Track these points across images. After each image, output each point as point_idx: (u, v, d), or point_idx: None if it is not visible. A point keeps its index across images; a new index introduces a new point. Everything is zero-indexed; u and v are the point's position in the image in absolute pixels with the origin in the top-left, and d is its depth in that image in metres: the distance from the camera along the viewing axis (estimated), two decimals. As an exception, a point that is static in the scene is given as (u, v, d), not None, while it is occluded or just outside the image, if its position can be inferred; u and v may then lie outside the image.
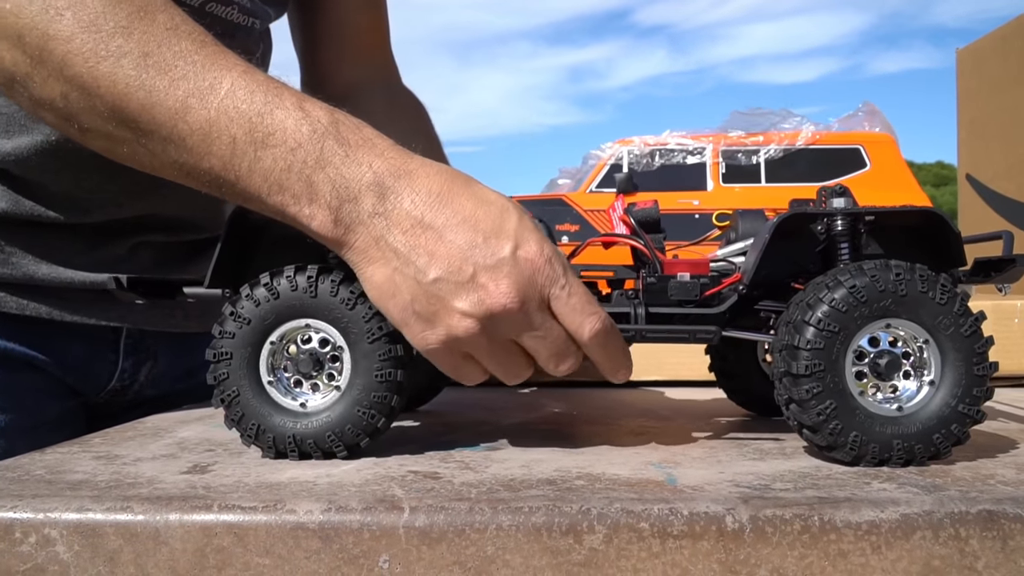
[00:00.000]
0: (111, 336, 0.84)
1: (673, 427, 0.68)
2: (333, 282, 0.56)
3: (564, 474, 0.52)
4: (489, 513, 0.45)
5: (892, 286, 0.52)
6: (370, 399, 0.55)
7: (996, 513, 0.44)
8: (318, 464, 0.55)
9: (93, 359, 0.83)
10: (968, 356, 0.53)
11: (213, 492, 0.48)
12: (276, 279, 0.56)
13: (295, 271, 0.56)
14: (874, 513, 0.44)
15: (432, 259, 0.52)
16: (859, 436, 0.52)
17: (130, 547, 0.45)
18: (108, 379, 0.85)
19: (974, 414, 0.53)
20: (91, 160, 0.65)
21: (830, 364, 0.52)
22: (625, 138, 1.23)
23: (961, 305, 0.53)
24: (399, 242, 0.53)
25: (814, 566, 0.44)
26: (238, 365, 0.55)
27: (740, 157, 1.29)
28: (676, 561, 0.44)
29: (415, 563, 0.44)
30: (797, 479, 0.50)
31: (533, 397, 0.87)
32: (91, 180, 0.78)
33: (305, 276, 0.56)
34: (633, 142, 1.23)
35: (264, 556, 0.45)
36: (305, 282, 0.55)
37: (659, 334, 0.57)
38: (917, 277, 0.52)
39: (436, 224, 0.53)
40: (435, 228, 0.53)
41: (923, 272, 0.53)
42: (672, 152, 1.24)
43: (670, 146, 1.24)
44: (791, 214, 0.57)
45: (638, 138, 1.23)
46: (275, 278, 0.56)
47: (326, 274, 0.56)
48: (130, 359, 0.85)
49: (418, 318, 0.53)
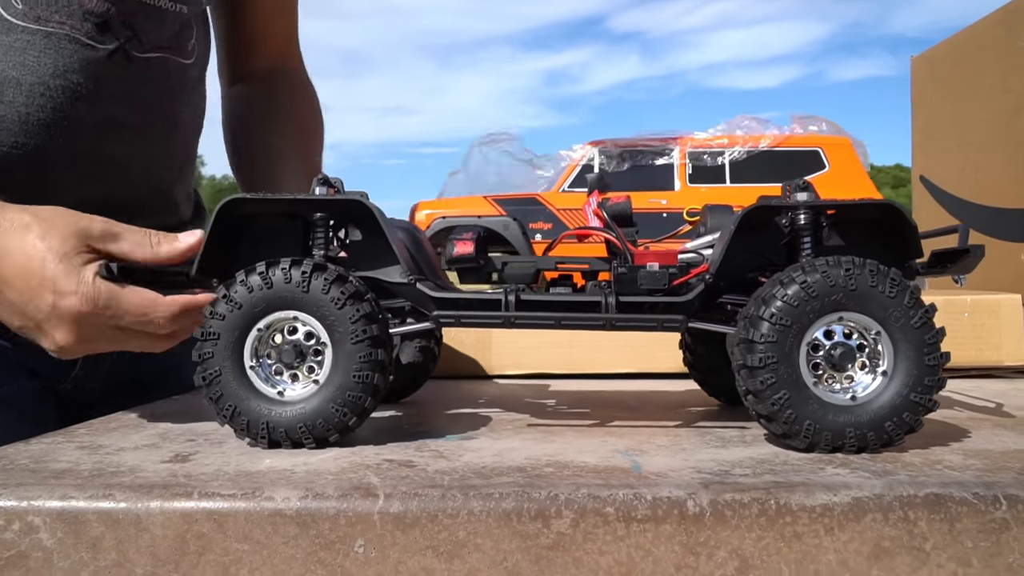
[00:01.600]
0: None
1: (642, 417, 0.70)
2: (326, 280, 0.57)
3: (534, 462, 0.54)
4: (461, 499, 0.47)
5: (842, 281, 0.54)
6: (345, 397, 0.57)
7: (943, 496, 0.47)
8: (296, 453, 0.57)
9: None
10: (919, 347, 0.55)
11: (193, 480, 0.49)
12: (272, 269, 0.57)
13: (291, 264, 0.57)
14: (827, 497, 0.47)
15: (6, 314, 0.68)
16: (813, 424, 0.55)
17: (112, 534, 0.46)
18: (71, 368, 0.86)
19: (926, 403, 0.55)
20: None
21: (784, 356, 0.55)
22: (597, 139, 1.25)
23: (911, 298, 0.55)
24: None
25: (771, 547, 0.46)
26: (224, 347, 0.57)
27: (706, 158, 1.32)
28: (640, 544, 0.46)
29: (389, 547, 0.46)
30: (756, 465, 0.52)
31: (510, 390, 0.89)
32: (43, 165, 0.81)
33: (300, 270, 0.57)
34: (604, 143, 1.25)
35: (243, 542, 0.46)
36: (299, 276, 0.57)
37: (628, 322, 0.59)
38: (867, 272, 0.55)
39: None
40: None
41: (873, 267, 0.55)
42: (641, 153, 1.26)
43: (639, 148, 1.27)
44: (755, 207, 0.59)
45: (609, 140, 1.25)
46: (271, 268, 0.57)
47: (320, 271, 0.57)
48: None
49: None
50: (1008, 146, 1.03)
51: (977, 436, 0.61)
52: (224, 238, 0.62)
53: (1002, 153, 1.04)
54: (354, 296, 0.57)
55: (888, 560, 0.46)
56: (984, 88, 1.06)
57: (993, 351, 0.94)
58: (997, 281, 1.04)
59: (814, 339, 0.56)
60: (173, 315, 0.66)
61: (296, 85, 1.17)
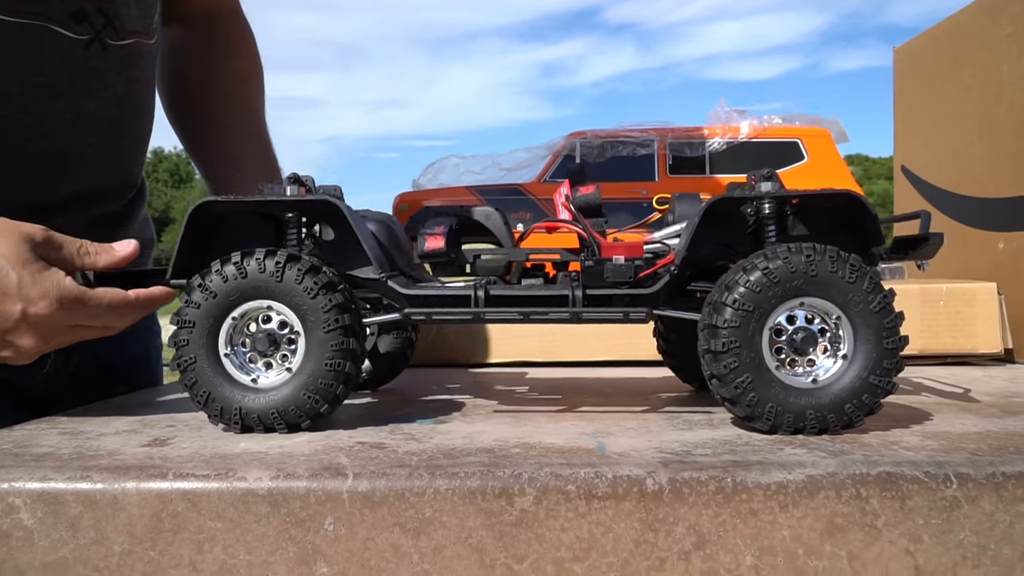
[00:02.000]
0: None
1: (615, 403, 0.71)
2: (299, 271, 0.58)
3: (502, 443, 0.55)
4: (427, 478, 0.48)
5: (803, 267, 0.56)
6: (317, 385, 0.58)
7: (895, 475, 0.48)
8: (271, 437, 0.58)
9: None
10: (878, 331, 0.56)
11: (169, 462, 0.51)
12: (247, 259, 0.59)
13: (265, 255, 0.59)
14: (782, 475, 0.48)
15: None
16: (775, 407, 0.56)
17: (90, 513, 0.48)
18: (41, 366, 0.87)
19: (885, 385, 0.57)
20: None
21: (746, 341, 0.56)
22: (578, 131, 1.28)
23: (870, 283, 0.56)
24: None
25: (727, 523, 0.48)
26: (199, 334, 0.58)
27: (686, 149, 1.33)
28: (600, 520, 0.48)
29: (358, 525, 0.48)
30: (717, 446, 0.54)
31: (489, 377, 0.90)
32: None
33: (274, 261, 0.58)
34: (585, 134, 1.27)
35: (216, 520, 0.48)
36: (273, 266, 0.58)
37: (595, 315, 0.60)
38: (827, 258, 0.56)
39: None
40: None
41: (833, 253, 0.56)
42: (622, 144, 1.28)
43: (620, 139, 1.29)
44: (719, 198, 0.60)
45: (590, 131, 1.27)
46: (245, 258, 0.59)
47: (294, 262, 0.59)
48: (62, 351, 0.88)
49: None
50: (987, 136, 1.04)
51: (939, 419, 0.62)
52: (198, 239, 0.63)
53: (981, 143, 1.05)
54: (327, 286, 0.58)
55: (841, 536, 0.47)
56: (964, 78, 1.07)
57: (968, 339, 0.95)
58: (976, 270, 1.05)
59: (776, 324, 0.57)
60: (134, 310, 0.67)
61: (233, 34, 1.12)
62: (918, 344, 0.95)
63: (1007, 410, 0.66)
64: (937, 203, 1.13)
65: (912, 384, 0.81)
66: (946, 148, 1.11)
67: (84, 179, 0.87)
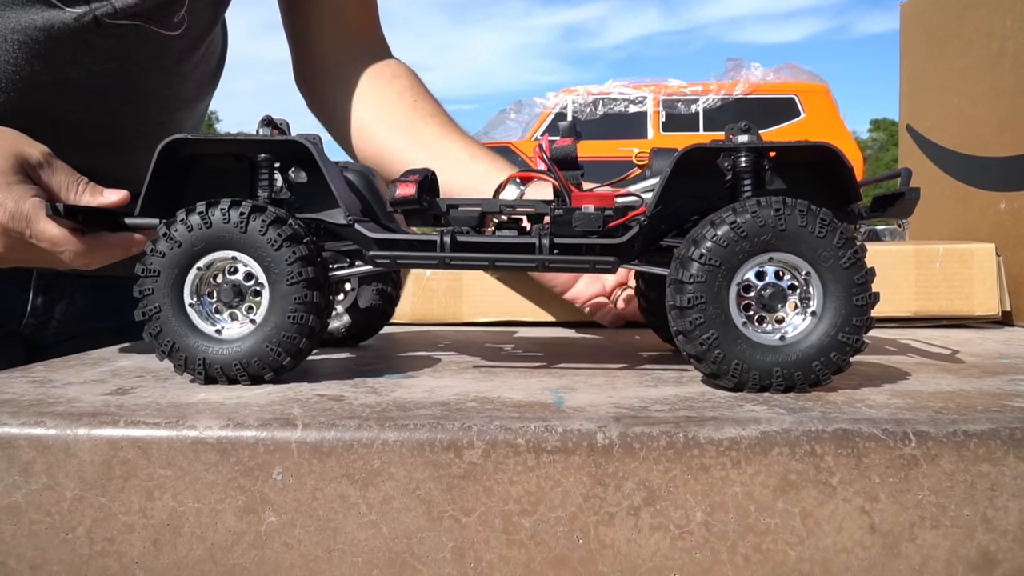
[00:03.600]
0: (23, 275, 0.88)
1: (590, 360, 0.71)
2: (263, 222, 0.58)
3: (461, 398, 0.55)
4: (376, 429, 0.48)
5: (772, 221, 0.55)
6: (279, 337, 0.58)
7: (851, 432, 0.47)
8: (232, 389, 0.58)
9: (3, 294, 0.87)
10: (848, 287, 0.55)
11: (123, 410, 0.51)
12: (211, 209, 0.58)
13: (230, 205, 0.58)
14: (735, 431, 0.47)
15: None
16: (740, 364, 0.55)
17: (43, 459, 0.48)
18: (21, 314, 0.89)
19: (854, 343, 0.55)
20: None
21: (712, 296, 0.55)
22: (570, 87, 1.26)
23: (841, 238, 0.55)
24: None
25: (677, 479, 0.47)
26: (164, 284, 0.58)
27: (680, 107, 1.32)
28: (549, 474, 0.47)
29: (306, 475, 0.48)
30: (677, 402, 0.53)
31: (474, 336, 0.90)
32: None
33: (238, 211, 0.58)
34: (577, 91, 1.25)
35: (166, 468, 0.48)
36: (237, 217, 0.58)
37: (560, 263, 0.59)
38: (796, 212, 0.55)
39: None
40: None
41: (803, 207, 0.55)
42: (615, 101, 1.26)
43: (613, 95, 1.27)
44: (690, 148, 0.59)
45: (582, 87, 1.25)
46: (210, 208, 0.58)
47: (258, 213, 0.58)
48: (40, 297, 0.90)
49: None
50: (990, 93, 1.01)
51: (914, 379, 0.61)
52: (168, 179, 0.63)
53: (984, 101, 1.02)
54: (291, 238, 0.58)
55: (794, 493, 0.47)
56: (968, 34, 1.04)
57: (964, 300, 0.93)
58: (976, 231, 1.03)
59: (745, 280, 0.56)
60: (82, 251, 0.70)
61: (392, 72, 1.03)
62: (912, 306, 0.94)
63: (988, 371, 0.64)
64: (941, 163, 1.10)
65: (899, 345, 0.79)
66: (950, 106, 1.09)
67: (65, 145, 0.86)
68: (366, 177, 0.69)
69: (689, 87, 1.25)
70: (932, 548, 0.46)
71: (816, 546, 0.47)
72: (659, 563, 0.47)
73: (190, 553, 0.48)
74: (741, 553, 0.47)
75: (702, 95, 1.23)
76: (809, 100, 1.23)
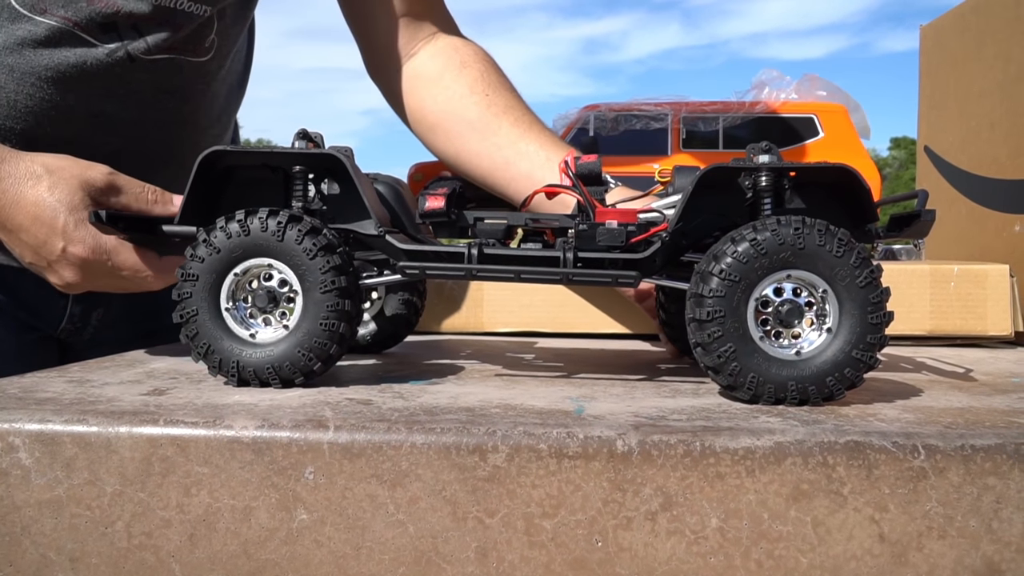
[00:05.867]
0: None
1: (609, 371, 0.73)
2: (300, 231, 0.60)
3: (485, 404, 0.57)
4: (405, 432, 0.50)
5: (791, 240, 0.56)
6: (311, 343, 0.60)
7: (863, 444, 0.49)
8: (265, 391, 0.60)
9: (43, 300, 0.91)
10: (864, 305, 0.57)
11: (162, 410, 0.53)
12: (250, 218, 0.61)
13: (268, 214, 0.61)
14: (750, 441, 0.49)
15: (20, 251, 0.77)
16: (756, 377, 0.57)
17: (84, 455, 0.50)
18: (59, 320, 0.91)
19: (867, 360, 0.57)
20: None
21: (731, 311, 0.57)
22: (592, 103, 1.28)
23: (858, 257, 0.57)
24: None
25: (694, 486, 0.49)
26: (201, 287, 0.61)
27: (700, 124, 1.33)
28: (570, 479, 0.49)
29: (337, 475, 0.50)
30: (694, 413, 0.55)
31: (495, 345, 0.92)
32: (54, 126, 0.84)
33: (276, 221, 0.60)
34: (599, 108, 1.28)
35: (203, 465, 0.50)
36: (275, 226, 0.60)
37: (584, 277, 0.61)
38: (815, 232, 0.56)
39: (11, 228, 0.75)
40: (11, 231, 0.75)
41: (821, 227, 0.57)
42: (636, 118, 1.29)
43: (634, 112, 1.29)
44: (713, 167, 0.61)
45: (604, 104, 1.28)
46: (249, 216, 0.61)
47: (295, 222, 0.61)
48: (79, 304, 0.93)
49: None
50: (1007, 116, 1.02)
51: (926, 395, 0.63)
52: (206, 189, 0.65)
53: (1001, 124, 1.04)
54: (326, 248, 0.60)
55: (806, 502, 0.48)
56: (987, 57, 1.06)
57: (978, 320, 0.95)
58: (992, 252, 1.04)
59: (763, 295, 0.58)
60: (163, 275, 0.75)
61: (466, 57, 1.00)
62: (927, 325, 0.95)
63: (999, 389, 0.66)
64: (958, 184, 1.12)
65: (914, 363, 0.81)
66: (968, 128, 1.10)
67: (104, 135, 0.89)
68: (395, 188, 0.72)
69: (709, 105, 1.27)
70: (939, 557, 0.48)
71: (827, 553, 0.48)
72: (675, 567, 0.48)
73: (224, 548, 0.50)
74: (754, 559, 0.48)
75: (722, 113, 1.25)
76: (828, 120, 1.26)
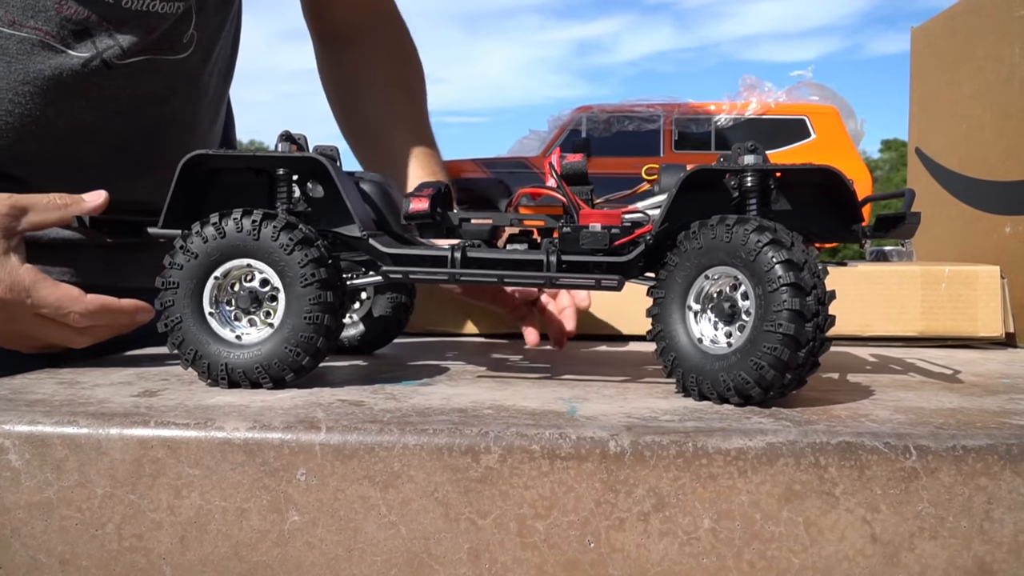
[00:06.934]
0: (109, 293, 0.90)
1: (604, 373, 0.73)
2: (275, 228, 0.60)
3: (477, 405, 0.57)
4: (397, 433, 0.50)
5: (723, 238, 0.57)
6: (298, 338, 0.60)
7: (855, 445, 0.49)
8: (256, 392, 0.60)
9: None
10: (774, 304, 0.55)
11: (153, 411, 0.53)
12: (224, 220, 0.61)
13: (242, 214, 0.61)
14: (743, 441, 0.49)
15: None
16: (683, 371, 0.59)
17: (75, 456, 0.50)
18: None
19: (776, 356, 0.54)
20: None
21: (666, 312, 0.61)
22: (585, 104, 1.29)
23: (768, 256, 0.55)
24: None
25: (686, 487, 0.49)
26: (183, 294, 0.61)
27: (692, 126, 1.34)
28: (563, 480, 0.49)
29: (329, 476, 0.49)
30: (686, 414, 0.55)
31: (490, 346, 0.92)
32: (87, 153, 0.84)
33: (250, 220, 0.60)
34: (592, 109, 1.28)
35: (194, 467, 0.50)
36: (250, 225, 0.60)
37: (567, 280, 0.61)
38: (741, 230, 0.56)
39: None
40: None
41: (755, 225, 0.56)
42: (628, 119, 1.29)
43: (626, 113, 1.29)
44: (697, 169, 0.61)
45: (596, 105, 1.28)
46: (223, 219, 0.61)
47: (270, 219, 0.60)
48: None
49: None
50: (998, 119, 1.03)
51: (918, 396, 0.63)
52: (193, 192, 0.65)
53: (992, 126, 1.04)
54: (303, 242, 0.60)
55: (799, 502, 0.48)
56: (977, 59, 1.06)
57: (969, 322, 0.95)
58: (982, 254, 1.04)
59: (699, 293, 0.60)
60: (89, 311, 0.70)
61: (392, 38, 1.08)
62: (918, 326, 0.95)
63: (989, 390, 0.66)
64: (949, 186, 1.12)
65: (904, 364, 0.81)
66: (959, 130, 1.11)
67: (91, 187, 0.87)
68: (382, 187, 0.71)
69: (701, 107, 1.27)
70: (930, 558, 0.48)
71: (819, 554, 0.48)
72: (667, 568, 0.48)
73: (216, 550, 0.50)
74: (747, 560, 0.48)
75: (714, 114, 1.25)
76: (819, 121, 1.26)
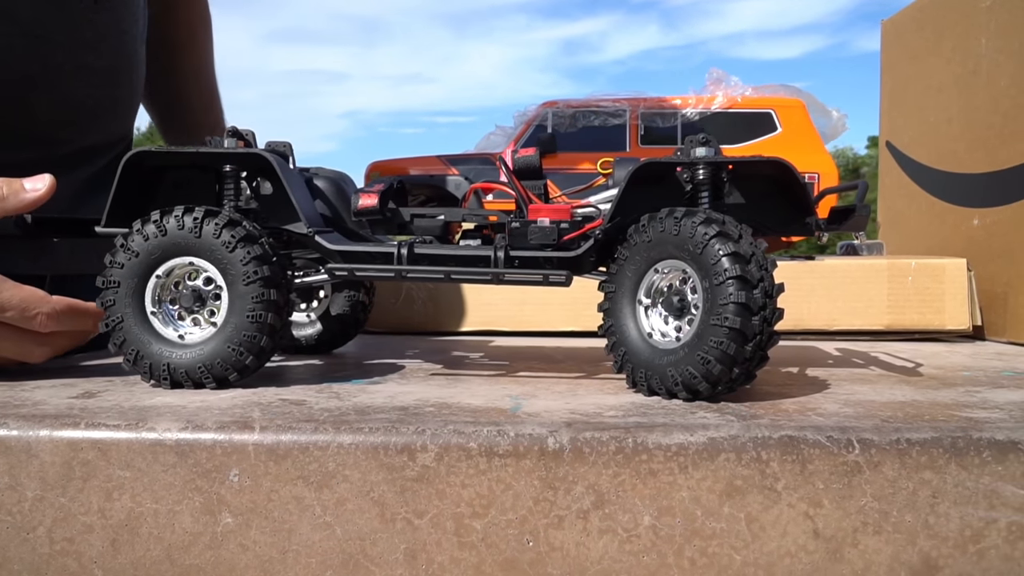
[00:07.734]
0: (38, 284, 0.88)
1: (559, 369, 0.72)
2: (217, 225, 0.59)
3: (421, 403, 0.56)
4: (332, 433, 0.49)
5: (670, 231, 0.56)
6: (240, 338, 0.59)
7: (797, 439, 0.48)
8: (198, 393, 0.59)
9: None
10: (715, 300, 0.54)
11: (86, 413, 0.52)
12: (165, 217, 0.59)
13: (183, 211, 0.59)
14: (683, 437, 0.48)
15: None
16: (633, 366, 0.59)
17: (4, 459, 0.49)
18: None
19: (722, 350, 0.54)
20: None
21: (616, 307, 0.60)
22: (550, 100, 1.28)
23: (715, 249, 0.54)
24: None
25: (626, 484, 0.48)
26: (124, 294, 0.59)
27: (658, 120, 1.33)
28: (501, 477, 0.48)
29: (262, 477, 0.48)
30: (631, 409, 0.54)
31: (449, 344, 0.91)
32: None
33: (192, 217, 0.59)
34: (557, 104, 1.27)
35: (125, 469, 0.49)
36: (191, 222, 0.59)
37: (515, 276, 0.60)
38: (688, 223, 0.56)
39: None
40: None
41: (702, 217, 0.55)
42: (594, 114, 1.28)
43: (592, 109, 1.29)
44: (646, 162, 0.60)
45: (562, 100, 1.27)
46: (164, 216, 0.60)
47: (211, 217, 0.59)
48: None
49: None
50: (965, 111, 1.02)
51: (871, 389, 0.62)
52: (133, 189, 0.64)
53: (959, 118, 1.03)
54: (245, 239, 0.59)
55: (740, 498, 0.48)
56: (945, 52, 1.06)
57: (935, 315, 0.94)
58: (951, 246, 1.04)
59: (649, 287, 0.59)
60: (56, 312, 0.64)
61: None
62: (885, 319, 0.95)
63: (947, 383, 0.65)
64: (918, 179, 1.11)
65: (867, 358, 0.80)
66: (927, 123, 1.10)
67: (88, 132, 0.90)
68: (336, 184, 0.70)
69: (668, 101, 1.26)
70: (874, 553, 0.47)
71: (761, 550, 0.47)
72: (607, 566, 0.48)
73: (147, 553, 0.49)
74: (687, 557, 0.48)
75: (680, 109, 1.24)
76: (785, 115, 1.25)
